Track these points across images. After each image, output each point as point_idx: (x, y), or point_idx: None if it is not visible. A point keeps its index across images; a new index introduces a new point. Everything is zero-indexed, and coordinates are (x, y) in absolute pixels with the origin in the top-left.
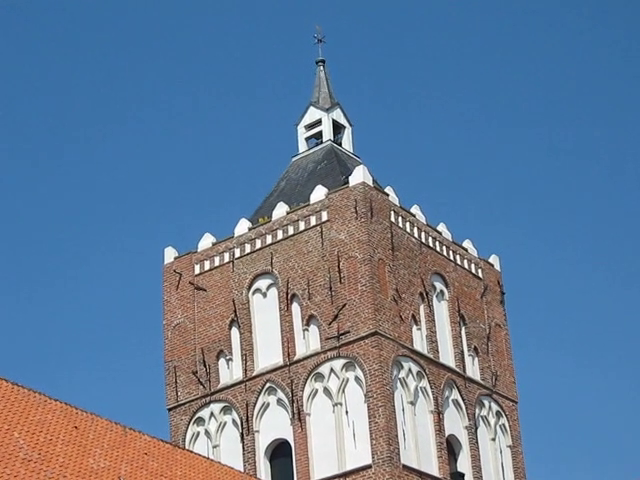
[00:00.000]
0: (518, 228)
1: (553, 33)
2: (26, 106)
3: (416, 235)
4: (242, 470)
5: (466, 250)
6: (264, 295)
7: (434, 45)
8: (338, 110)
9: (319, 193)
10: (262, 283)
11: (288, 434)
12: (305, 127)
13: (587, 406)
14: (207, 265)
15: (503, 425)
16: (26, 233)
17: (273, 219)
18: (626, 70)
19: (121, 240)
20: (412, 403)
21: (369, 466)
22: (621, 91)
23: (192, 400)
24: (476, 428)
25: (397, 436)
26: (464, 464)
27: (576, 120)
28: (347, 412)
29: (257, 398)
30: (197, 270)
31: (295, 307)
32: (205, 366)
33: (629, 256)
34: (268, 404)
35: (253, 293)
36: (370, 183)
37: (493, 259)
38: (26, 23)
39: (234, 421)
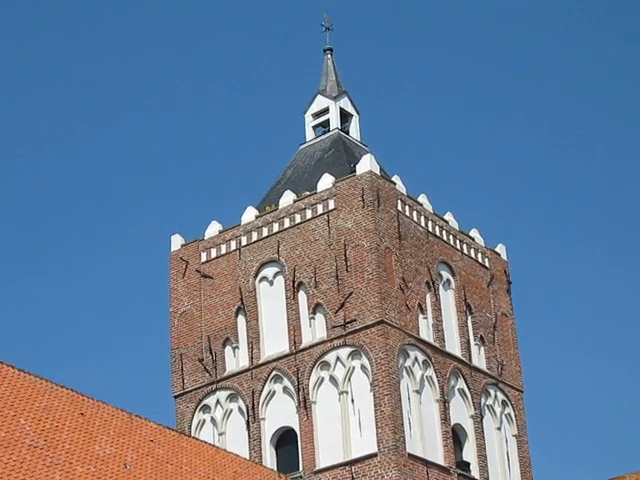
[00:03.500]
0: (525, 218)
1: (560, 20)
2: (34, 90)
3: (423, 224)
4: (248, 457)
5: (473, 239)
6: (271, 283)
7: (442, 33)
8: (345, 98)
9: (326, 181)
10: (269, 271)
11: (294, 422)
12: (312, 115)
13: (593, 396)
14: (214, 253)
15: (509, 414)
16: (33, 220)
17: (280, 207)
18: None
19: (128, 228)
20: (418, 392)
21: (375, 454)
22: (627, 77)
23: (198, 388)
24: (482, 417)
25: (403, 425)
26: (469, 453)
27: (584, 109)
28: (353, 400)
29: (263, 386)
30: (204, 258)
31: (301, 295)
32: (211, 354)
33: (637, 246)
34: (274, 392)
35: (260, 281)
36: (377, 172)
37: (500, 248)
38: (26, 10)
39: (240, 409)
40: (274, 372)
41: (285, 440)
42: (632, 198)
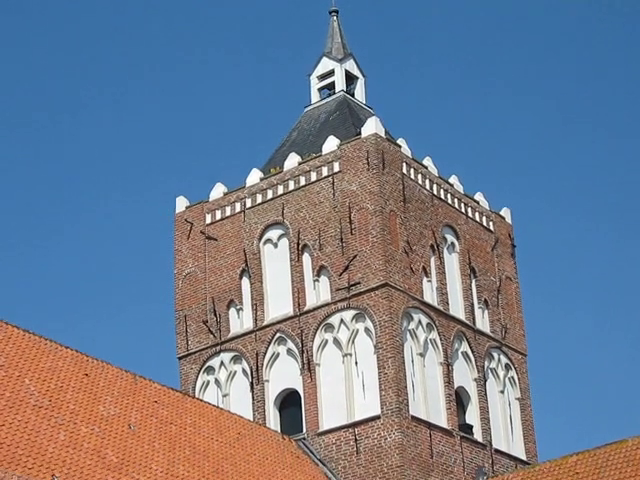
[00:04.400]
0: (530, 181)
1: None
2: (44, 58)
3: (428, 187)
4: (251, 419)
5: (477, 203)
6: (275, 245)
7: None
8: (351, 61)
9: (331, 144)
10: (273, 233)
11: (298, 384)
12: (318, 78)
13: (596, 360)
14: (218, 215)
15: (512, 378)
16: (38, 184)
17: (285, 169)
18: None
19: (133, 189)
20: (421, 355)
21: (378, 417)
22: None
23: (202, 349)
24: (485, 380)
25: (406, 387)
26: (472, 416)
27: (590, 74)
28: (357, 363)
29: (267, 348)
30: (208, 220)
31: (306, 258)
32: (215, 315)
33: None
34: (278, 354)
35: (264, 243)
36: (382, 134)
37: (504, 212)
38: None
39: (244, 370)
40: (278, 334)
41: (289, 402)
42: (637, 161)
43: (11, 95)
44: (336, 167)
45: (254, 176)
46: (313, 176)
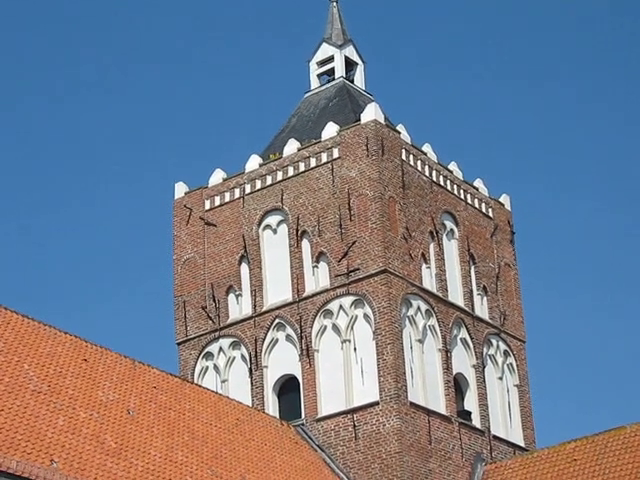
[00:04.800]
0: (529, 168)
1: None
2: (42, 39)
3: (427, 173)
4: (250, 405)
5: (477, 189)
6: (274, 231)
7: None
8: (351, 47)
9: (330, 130)
10: (272, 219)
11: (296, 370)
12: (317, 64)
13: (594, 347)
14: (217, 201)
15: (510, 364)
16: (37, 165)
17: (284, 155)
18: None
19: (132, 175)
20: (420, 341)
21: (376, 403)
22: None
23: (201, 335)
24: (483, 367)
25: (405, 373)
26: (471, 402)
27: (589, 58)
28: (355, 349)
29: (266, 334)
30: (207, 205)
31: (305, 244)
32: (214, 301)
33: None
34: (277, 340)
35: (263, 229)
36: (382, 121)
37: (504, 199)
38: None
39: (243, 356)
40: (277, 320)
41: (287, 388)
42: (636, 146)
43: (10, 77)
44: (335, 153)
45: (253, 162)
46: (312, 162)
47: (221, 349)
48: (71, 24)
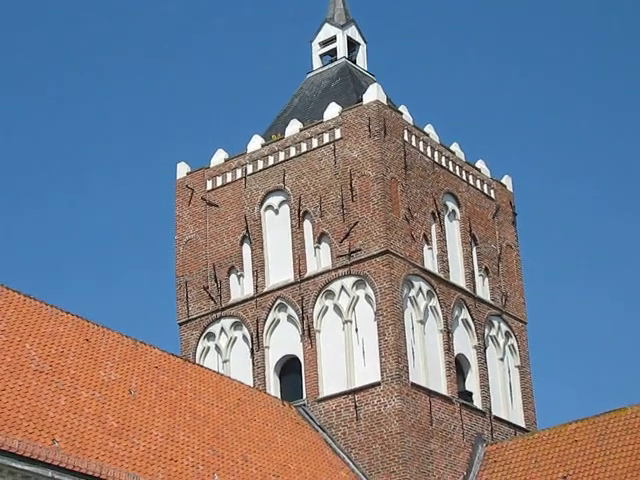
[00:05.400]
0: (531, 149)
1: None
2: (47, 19)
3: (429, 154)
4: (252, 385)
5: (479, 170)
6: (276, 212)
7: None
8: (353, 27)
9: (332, 110)
10: (274, 200)
11: (298, 350)
12: (320, 44)
13: (595, 328)
14: (219, 181)
15: (512, 345)
16: (39, 148)
17: (286, 136)
18: None
19: (134, 155)
20: (422, 322)
21: (378, 383)
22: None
23: (203, 315)
24: (485, 348)
25: (406, 354)
26: (472, 383)
27: (591, 42)
28: (357, 330)
29: (267, 314)
30: (209, 186)
31: (307, 224)
32: (216, 282)
33: None
34: (278, 320)
35: (265, 210)
36: (384, 101)
37: (506, 180)
38: None
39: (244, 337)
40: (279, 300)
41: (289, 368)
42: (637, 128)
43: (15, 55)
44: (337, 134)
45: (255, 142)
46: (314, 143)
47: (223, 329)
48: (73, 4)
